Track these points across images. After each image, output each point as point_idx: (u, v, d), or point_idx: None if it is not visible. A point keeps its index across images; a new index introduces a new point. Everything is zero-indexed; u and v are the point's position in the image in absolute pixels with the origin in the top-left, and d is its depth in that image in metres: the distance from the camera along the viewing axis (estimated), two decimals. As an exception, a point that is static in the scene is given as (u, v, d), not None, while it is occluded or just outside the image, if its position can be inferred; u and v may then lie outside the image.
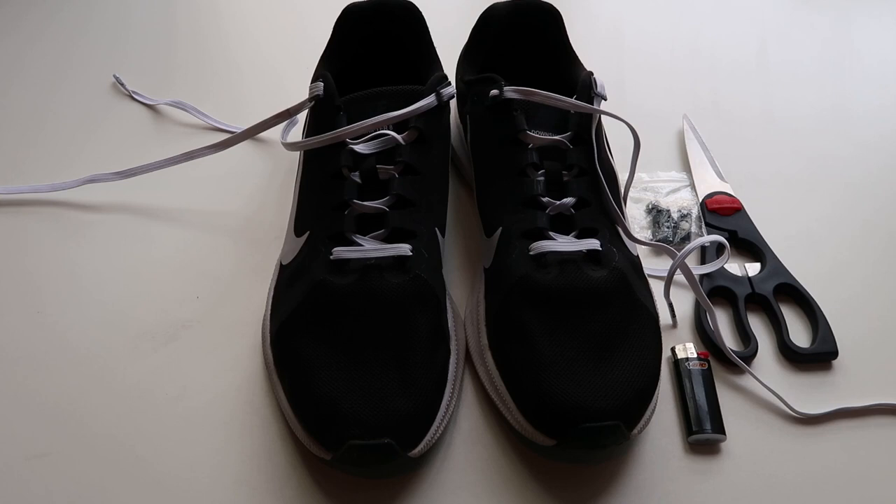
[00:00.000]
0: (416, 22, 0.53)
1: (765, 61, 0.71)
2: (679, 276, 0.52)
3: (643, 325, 0.43)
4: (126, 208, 0.55)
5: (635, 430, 0.41)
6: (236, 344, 0.48)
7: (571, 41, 0.55)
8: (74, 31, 0.69)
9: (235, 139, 0.54)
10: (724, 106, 0.66)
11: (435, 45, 0.54)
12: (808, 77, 0.69)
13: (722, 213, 0.55)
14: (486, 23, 0.55)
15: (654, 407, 0.43)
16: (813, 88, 0.68)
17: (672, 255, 0.47)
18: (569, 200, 0.46)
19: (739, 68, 0.70)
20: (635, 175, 0.53)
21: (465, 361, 0.46)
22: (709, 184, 0.58)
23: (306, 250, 0.46)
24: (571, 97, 0.48)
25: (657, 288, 0.50)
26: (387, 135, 0.46)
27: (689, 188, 0.58)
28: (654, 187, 0.58)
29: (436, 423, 0.42)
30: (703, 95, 0.67)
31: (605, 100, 0.49)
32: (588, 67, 0.53)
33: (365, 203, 0.45)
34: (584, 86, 0.48)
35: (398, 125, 0.46)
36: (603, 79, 0.49)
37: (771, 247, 0.53)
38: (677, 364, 0.47)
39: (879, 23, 0.75)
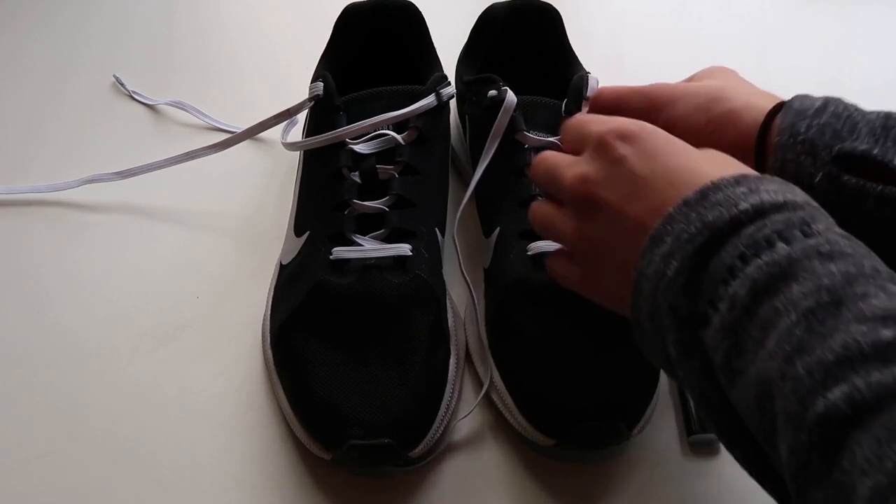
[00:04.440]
0: (416, 22, 0.53)
1: (765, 61, 0.71)
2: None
3: (643, 325, 0.43)
4: (126, 208, 0.55)
5: (635, 430, 0.41)
6: (236, 344, 0.48)
7: (571, 41, 0.55)
8: (74, 31, 0.69)
9: (235, 139, 0.54)
10: (724, 106, 0.66)
11: (435, 45, 0.54)
12: (808, 77, 0.69)
13: (722, 213, 0.55)
14: (486, 23, 0.55)
15: (654, 407, 0.43)
16: (813, 88, 0.68)
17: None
18: (568, 200, 0.46)
19: (739, 68, 0.70)
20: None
21: (465, 361, 0.46)
22: (709, 184, 0.58)
23: (306, 250, 0.46)
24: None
25: (657, 288, 0.50)
26: (387, 135, 0.46)
27: (688, 188, 0.58)
28: (653, 187, 0.58)
29: (436, 423, 0.42)
30: (703, 95, 0.66)
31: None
32: (588, 67, 0.53)
33: (365, 203, 0.45)
34: (574, 89, 0.48)
35: (398, 125, 0.46)
36: (603, 79, 0.49)
37: (771, 247, 0.53)
38: (677, 364, 0.46)
39: (879, 23, 0.75)
